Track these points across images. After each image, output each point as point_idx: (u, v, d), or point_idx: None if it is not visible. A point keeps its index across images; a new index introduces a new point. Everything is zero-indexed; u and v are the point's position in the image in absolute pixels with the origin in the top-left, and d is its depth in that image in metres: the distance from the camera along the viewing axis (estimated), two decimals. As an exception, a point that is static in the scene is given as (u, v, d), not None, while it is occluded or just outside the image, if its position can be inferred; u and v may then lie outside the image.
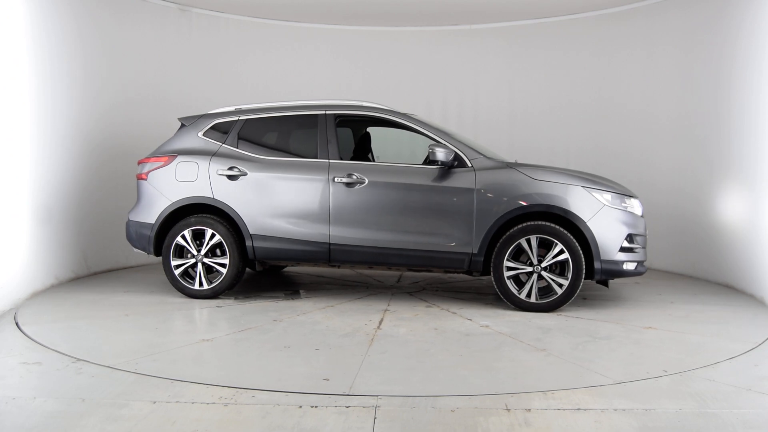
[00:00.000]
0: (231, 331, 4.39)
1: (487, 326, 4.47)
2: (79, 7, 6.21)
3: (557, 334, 4.29)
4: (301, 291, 5.75)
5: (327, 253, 5.15)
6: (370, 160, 5.82)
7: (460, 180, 4.92)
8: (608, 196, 4.84)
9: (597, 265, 4.75)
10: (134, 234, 5.53)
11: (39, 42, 5.64)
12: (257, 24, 7.91)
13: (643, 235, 4.96)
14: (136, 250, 5.63)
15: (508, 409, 2.95)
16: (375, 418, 2.86)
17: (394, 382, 3.31)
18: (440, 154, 4.87)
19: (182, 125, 5.70)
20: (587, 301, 5.31)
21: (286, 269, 6.85)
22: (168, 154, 5.52)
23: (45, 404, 2.99)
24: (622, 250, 4.78)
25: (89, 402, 3.01)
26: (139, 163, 5.66)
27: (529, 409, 2.96)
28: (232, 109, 5.64)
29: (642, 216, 5.00)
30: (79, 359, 3.64)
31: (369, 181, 5.06)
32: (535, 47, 7.88)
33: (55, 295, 5.44)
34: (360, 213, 5.07)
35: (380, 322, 4.58)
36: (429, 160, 4.97)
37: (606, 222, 4.76)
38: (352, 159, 5.53)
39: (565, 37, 7.67)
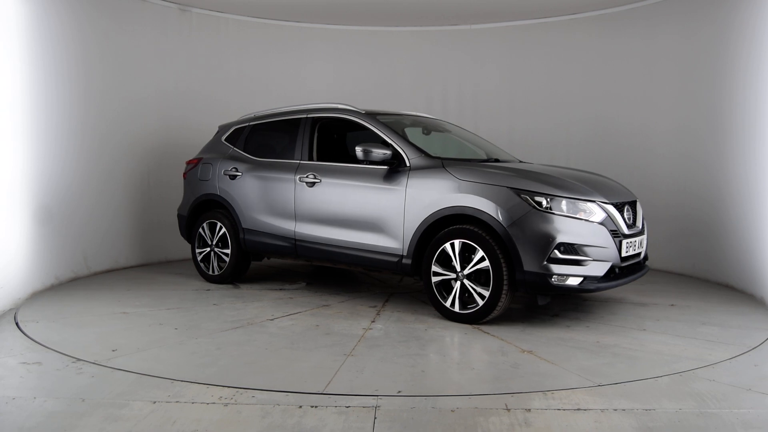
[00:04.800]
0: (165, 307, 5.05)
1: (368, 329, 4.37)
2: (79, 8, 6.20)
3: (402, 345, 3.99)
4: (304, 283, 6.09)
5: (294, 249, 5.44)
6: None
7: (396, 180, 4.74)
8: (541, 199, 4.23)
9: (518, 275, 4.19)
10: (179, 224, 6.45)
11: (38, 42, 5.64)
12: (257, 24, 7.91)
13: (600, 246, 4.24)
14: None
15: (508, 409, 2.95)
16: (375, 418, 2.86)
17: (154, 361, 3.65)
18: (371, 154, 4.73)
19: (218, 131, 6.39)
20: (556, 318, 4.70)
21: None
22: (198, 157, 6.32)
23: (45, 404, 2.99)
24: (553, 261, 4.14)
25: (89, 402, 3.01)
26: (186, 163, 6.47)
27: (529, 409, 2.96)
28: (252, 115, 6.17)
29: (602, 223, 4.29)
30: (79, 359, 3.64)
31: (323, 181, 5.18)
32: (535, 47, 7.88)
33: (55, 295, 5.44)
34: (315, 211, 5.23)
35: (287, 316, 4.76)
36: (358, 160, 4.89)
37: (531, 228, 4.16)
38: None
39: (565, 37, 7.67)
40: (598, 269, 4.26)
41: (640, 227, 4.78)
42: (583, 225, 4.25)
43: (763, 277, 5.33)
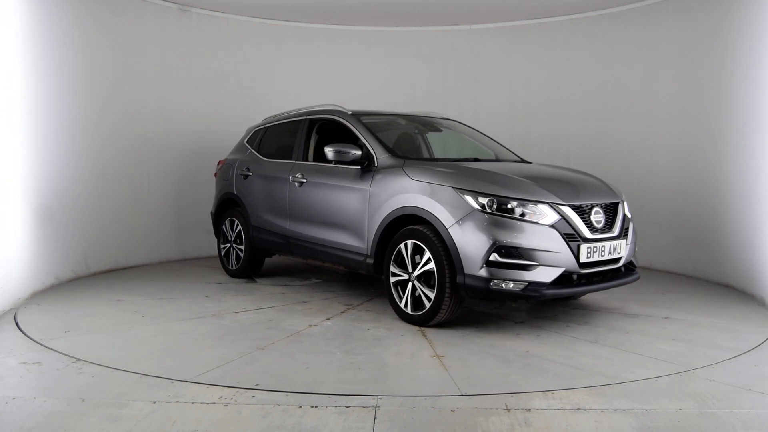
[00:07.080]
0: (159, 297, 5.37)
1: (313, 326, 4.42)
2: (80, 8, 6.20)
3: (324, 342, 4.02)
4: (314, 279, 6.28)
5: (288, 247, 5.59)
6: None
7: (364, 180, 4.75)
8: (484, 199, 4.05)
9: (459, 279, 4.05)
10: (211, 221, 6.70)
11: (39, 42, 5.64)
12: (257, 24, 7.91)
13: (549, 251, 3.99)
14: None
15: (508, 409, 2.96)
16: (375, 418, 2.86)
17: (85, 343, 3.97)
18: (341, 155, 4.76)
19: (244, 133, 6.58)
20: (517, 326, 4.47)
21: None
22: (225, 159, 6.60)
23: (45, 404, 2.99)
24: (492, 264, 3.94)
25: (89, 402, 3.02)
26: (217, 164, 6.76)
27: (529, 409, 2.96)
28: (271, 117, 6.36)
29: (553, 226, 4.05)
30: (79, 359, 3.64)
31: (308, 180, 5.30)
32: (535, 47, 7.88)
33: (55, 295, 5.44)
34: (303, 210, 5.35)
35: (256, 310, 4.92)
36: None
37: (471, 229, 4.00)
38: None
39: (565, 37, 7.67)
40: (546, 275, 3.98)
41: (617, 231, 4.39)
42: (530, 227, 4.01)
43: (763, 277, 5.33)
